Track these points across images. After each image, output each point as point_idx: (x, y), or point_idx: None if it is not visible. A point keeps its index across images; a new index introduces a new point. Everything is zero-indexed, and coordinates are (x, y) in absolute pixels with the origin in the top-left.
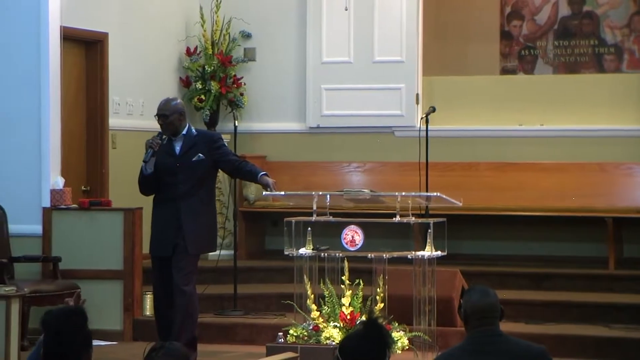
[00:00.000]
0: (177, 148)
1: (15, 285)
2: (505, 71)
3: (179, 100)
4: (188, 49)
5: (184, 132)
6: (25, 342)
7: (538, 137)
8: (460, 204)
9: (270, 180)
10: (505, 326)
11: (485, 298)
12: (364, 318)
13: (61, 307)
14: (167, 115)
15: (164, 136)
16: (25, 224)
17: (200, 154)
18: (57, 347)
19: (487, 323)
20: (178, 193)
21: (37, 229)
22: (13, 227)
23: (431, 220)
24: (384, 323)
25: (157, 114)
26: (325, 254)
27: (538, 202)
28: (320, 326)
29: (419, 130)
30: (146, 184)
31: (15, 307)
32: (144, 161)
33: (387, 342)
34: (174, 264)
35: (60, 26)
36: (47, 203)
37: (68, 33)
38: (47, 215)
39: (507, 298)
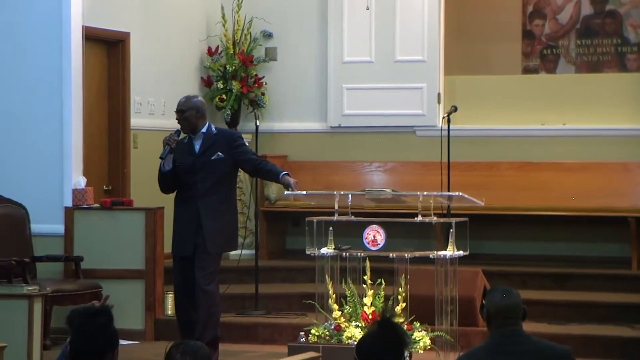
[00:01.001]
0: (197, 147)
1: (38, 284)
2: (527, 70)
3: (199, 98)
4: (209, 49)
5: (204, 130)
6: (48, 342)
7: (560, 136)
8: (483, 204)
9: (291, 180)
10: (528, 326)
11: (508, 298)
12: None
13: (86, 306)
14: (184, 110)
15: (181, 133)
16: (47, 224)
17: (219, 153)
18: (82, 346)
19: (510, 323)
20: (198, 192)
21: (59, 228)
22: (35, 227)
23: (453, 220)
24: (399, 321)
25: (176, 109)
26: (347, 254)
27: (560, 202)
28: (342, 326)
29: (441, 129)
30: (165, 181)
31: (37, 307)
32: (160, 157)
33: (403, 341)
34: (195, 263)
35: (83, 26)
36: (69, 203)
37: (90, 33)
38: (69, 214)
39: (529, 298)
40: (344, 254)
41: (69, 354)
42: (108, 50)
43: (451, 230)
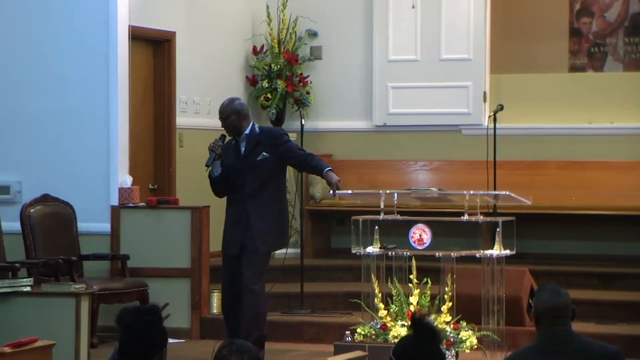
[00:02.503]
0: (242, 148)
1: (85, 283)
2: (574, 68)
3: (238, 100)
4: (254, 48)
5: (247, 131)
6: (95, 340)
7: (607, 135)
8: (530, 203)
9: (334, 177)
10: (575, 326)
11: (557, 297)
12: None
13: (136, 305)
14: (224, 118)
15: (226, 138)
16: (94, 222)
17: (264, 153)
18: (132, 345)
19: (559, 323)
20: (246, 193)
21: (106, 227)
22: (82, 226)
23: (500, 219)
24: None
25: (219, 116)
26: (393, 253)
27: (607, 201)
28: (388, 325)
29: (487, 128)
30: (217, 186)
31: (85, 305)
32: (206, 165)
33: (437, 337)
34: (243, 262)
35: (129, 26)
36: (115, 201)
37: (136, 32)
38: (116, 213)
39: (576, 298)
40: (389, 253)
41: (118, 352)
42: (154, 49)
43: (498, 229)
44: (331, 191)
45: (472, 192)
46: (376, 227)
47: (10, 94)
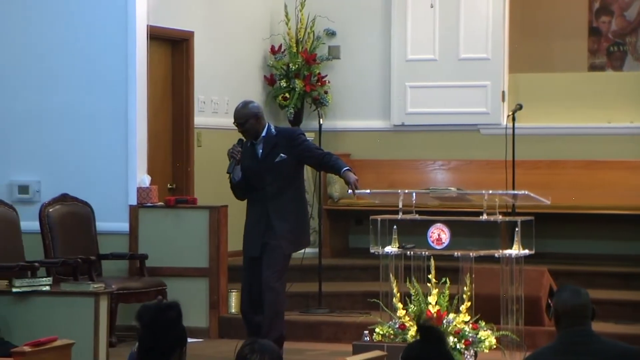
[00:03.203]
0: (259, 151)
1: (103, 282)
2: (593, 68)
3: (252, 103)
4: (273, 47)
5: (264, 133)
6: (114, 339)
7: (627, 134)
8: (549, 202)
9: (352, 176)
10: (595, 326)
11: (576, 297)
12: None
13: (156, 302)
14: (242, 123)
15: (244, 142)
16: (112, 222)
17: (282, 154)
18: (152, 342)
19: (579, 323)
20: (266, 195)
21: (124, 226)
22: (100, 225)
23: (519, 219)
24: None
25: (234, 122)
26: (411, 252)
27: (627, 201)
28: (407, 325)
29: (505, 128)
30: (238, 190)
31: (103, 304)
32: (228, 172)
33: (444, 340)
34: (264, 261)
35: (147, 25)
36: (133, 201)
37: (155, 32)
38: (134, 213)
39: (595, 298)
40: (408, 252)
41: (138, 351)
42: (172, 49)
43: (517, 229)
44: (350, 190)
45: (490, 191)
46: (394, 226)
47: (29, 94)
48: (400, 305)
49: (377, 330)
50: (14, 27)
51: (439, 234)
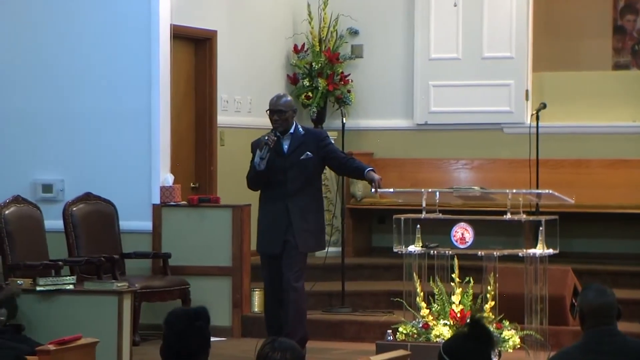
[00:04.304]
0: (285, 147)
1: (127, 280)
2: (617, 66)
3: (290, 97)
4: (295, 47)
5: (292, 130)
6: (137, 338)
7: None
8: (573, 202)
9: (376, 176)
10: (621, 326)
11: (602, 297)
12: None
13: (185, 309)
14: (284, 110)
15: (277, 133)
16: (135, 221)
17: (308, 152)
18: (179, 347)
19: (605, 322)
20: (287, 191)
21: (147, 225)
22: (124, 224)
23: (543, 218)
24: (488, 324)
25: (271, 110)
26: (435, 252)
27: None
28: (430, 324)
29: (529, 127)
30: (258, 180)
31: (127, 303)
32: (260, 158)
33: (491, 342)
34: (284, 261)
35: (171, 25)
36: (157, 200)
37: (178, 31)
38: (157, 212)
39: (620, 297)
40: (431, 251)
41: (164, 352)
42: (195, 48)
43: (541, 228)
44: (373, 189)
45: (514, 190)
46: (418, 225)
47: (53, 94)
48: (423, 304)
49: (400, 329)
50: (37, 28)
51: (463, 233)
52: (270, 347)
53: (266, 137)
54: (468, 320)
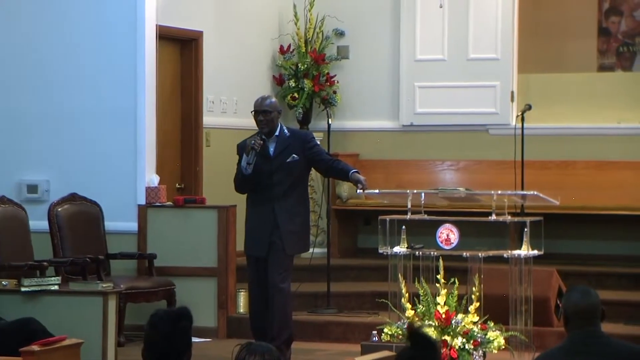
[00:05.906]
0: (271, 150)
1: (112, 281)
2: (602, 68)
3: (275, 98)
4: (281, 47)
5: (277, 132)
6: (122, 338)
7: (636, 135)
8: (558, 203)
9: (361, 177)
10: (605, 327)
11: (586, 298)
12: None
13: (167, 310)
14: (270, 111)
15: (263, 136)
16: (121, 221)
17: (294, 155)
18: (163, 349)
19: (589, 324)
20: (274, 194)
21: (133, 226)
22: (109, 224)
23: (528, 219)
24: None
25: (256, 110)
26: (420, 253)
27: (636, 201)
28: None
29: (515, 128)
30: (245, 184)
31: (112, 303)
32: (248, 162)
33: (435, 347)
34: (270, 262)
35: (156, 25)
36: (142, 200)
37: (163, 32)
38: (143, 212)
39: (605, 298)
40: (417, 252)
41: (146, 355)
42: (181, 49)
43: (525, 229)
44: (358, 190)
45: (499, 192)
46: (403, 226)
47: (38, 94)
48: (408, 305)
49: (385, 330)
50: (22, 28)
51: (448, 234)
52: (247, 351)
53: (252, 141)
54: (406, 332)
